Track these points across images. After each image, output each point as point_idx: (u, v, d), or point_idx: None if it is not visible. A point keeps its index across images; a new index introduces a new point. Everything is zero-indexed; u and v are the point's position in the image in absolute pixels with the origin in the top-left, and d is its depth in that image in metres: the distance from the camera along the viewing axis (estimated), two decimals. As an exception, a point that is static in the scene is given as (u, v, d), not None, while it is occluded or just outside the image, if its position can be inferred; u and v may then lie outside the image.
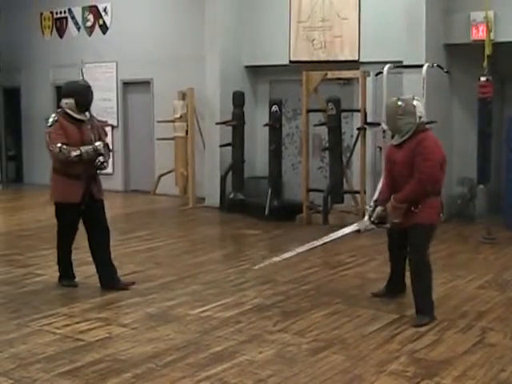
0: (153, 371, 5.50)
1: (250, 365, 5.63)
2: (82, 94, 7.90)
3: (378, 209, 7.17)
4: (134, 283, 8.18)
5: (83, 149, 7.73)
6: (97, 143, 7.86)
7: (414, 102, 6.92)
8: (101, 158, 7.87)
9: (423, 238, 6.93)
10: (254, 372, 5.47)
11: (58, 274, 8.30)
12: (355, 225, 7.95)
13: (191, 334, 6.40)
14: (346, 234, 8.17)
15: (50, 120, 7.87)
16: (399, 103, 6.92)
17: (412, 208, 6.77)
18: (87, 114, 8.01)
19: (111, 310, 7.13)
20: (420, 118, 6.89)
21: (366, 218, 7.51)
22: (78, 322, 6.73)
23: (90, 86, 8.12)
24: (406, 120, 6.85)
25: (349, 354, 5.85)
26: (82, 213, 7.97)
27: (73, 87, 8.03)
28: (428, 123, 7.57)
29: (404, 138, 6.89)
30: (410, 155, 6.76)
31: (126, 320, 6.79)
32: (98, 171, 8.04)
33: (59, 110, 7.97)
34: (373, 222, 7.28)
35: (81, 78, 8.54)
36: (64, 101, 7.92)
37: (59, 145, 7.67)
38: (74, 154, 7.67)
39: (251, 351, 5.93)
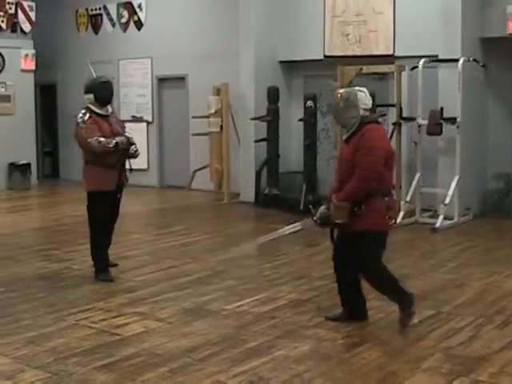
0: (189, 365, 5.52)
1: (286, 360, 5.63)
2: (99, 90, 8.26)
3: (322, 207, 6.40)
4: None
5: (118, 139, 8.07)
6: (127, 134, 8.25)
7: (358, 94, 6.32)
8: (133, 147, 8.22)
9: (373, 248, 6.31)
10: (290, 367, 5.47)
11: (92, 268, 8.37)
12: (298, 223, 7.13)
13: (227, 328, 6.42)
14: (291, 233, 7.44)
15: (80, 115, 8.22)
16: (341, 95, 6.38)
17: (355, 209, 6.16)
18: (109, 108, 8.41)
19: (147, 305, 7.16)
20: (365, 110, 6.29)
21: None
22: (114, 317, 6.77)
23: (106, 82, 8.48)
24: (349, 113, 6.29)
25: (383, 350, 5.83)
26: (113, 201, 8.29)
27: (91, 83, 8.44)
28: (383, 116, 7.15)
29: (349, 133, 6.33)
30: (353, 151, 6.21)
31: (161, 314, 6.83)
32: (131, 160, 8.35)
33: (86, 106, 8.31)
34: (315, 222, 6.48)
35: (93, 73, 8.84)
36: (85, 96, 8.31)
37: (95, 138, 7.95)
38: (111, 144, 8.00)
39: (286, 346, 5.93)
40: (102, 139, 7.99)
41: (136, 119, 17.18)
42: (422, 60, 11.70)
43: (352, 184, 6.16)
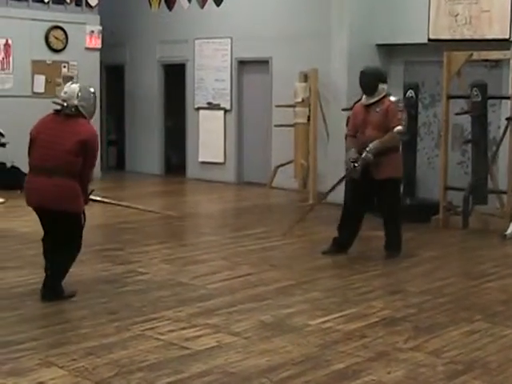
0: (266, 387, 5.52)
1: (377, 386, 5.59)
2: (360, 78, 9.66)
3: None
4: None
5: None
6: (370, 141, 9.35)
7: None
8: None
9: None
10: (382, 394, 5.43)
11: (160, 272, 8.55)
12: None
13: (310, 347, 6.38)
14: None
15: None
16: None
17: None
18: (375, 97, 9.52)
19: (221, 316, 7.17)
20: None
21: None
22: (183, 328, 6.81)
23: (361, 71, 9.72)
24: None
25: (492, 381, 5.71)
26: (359, 190, 9.55)
27: None
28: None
29: None
30: None
31: (237, 328, 6.83)
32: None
33: None
34: None
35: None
36: None
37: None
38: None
39: (378, 370, 5.87)
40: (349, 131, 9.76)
41: (212, 106, 17.28)
42: (544, 46, 11.49)
43: None
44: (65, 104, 7.55)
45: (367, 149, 9.29)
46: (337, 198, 13.70)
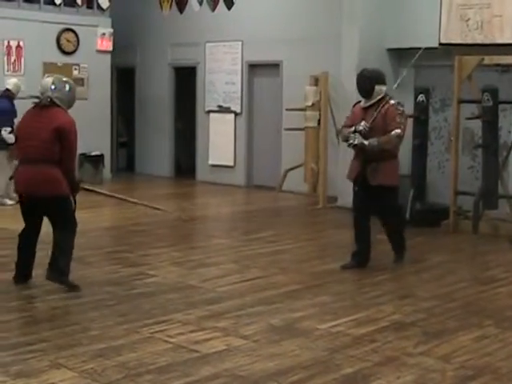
0: (275, 391, 5.50)
1: (387, 390, 5.57)
2: (356, 81, 9.47)
3: None
4: None
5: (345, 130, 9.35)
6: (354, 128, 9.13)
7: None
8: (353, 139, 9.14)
9: None
10: (392, 399, 5.41)
11: (170, 275, 8.59)
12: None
13: (319, 351, 6.36)
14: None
15: None
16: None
17: None
18: (372, 99, 9.21)
19: (230, 319, 7.16)
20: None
21: None
22: (193, 331, 6.79)
23: (361, 74, 9.46)
24: None
25: (503, 387, 5.70)
26: (359, 195, 9.36)
27: None
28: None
29: None
30: None
31: (246, 331, 6.81)
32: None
33: None
34: None
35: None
36: None
37: (343, 126, 9.59)
38: (341, 134, 9.74)
39: (388, 375, 5.84)
40: (344, 129, 9.40)
41: (223, 109, 17.27)
42: (555, 51, 11.45)
43: None
44: (41, 96, 7.99)
45: (366, 142, 9.03)
46: (346, 202, 13.75)
